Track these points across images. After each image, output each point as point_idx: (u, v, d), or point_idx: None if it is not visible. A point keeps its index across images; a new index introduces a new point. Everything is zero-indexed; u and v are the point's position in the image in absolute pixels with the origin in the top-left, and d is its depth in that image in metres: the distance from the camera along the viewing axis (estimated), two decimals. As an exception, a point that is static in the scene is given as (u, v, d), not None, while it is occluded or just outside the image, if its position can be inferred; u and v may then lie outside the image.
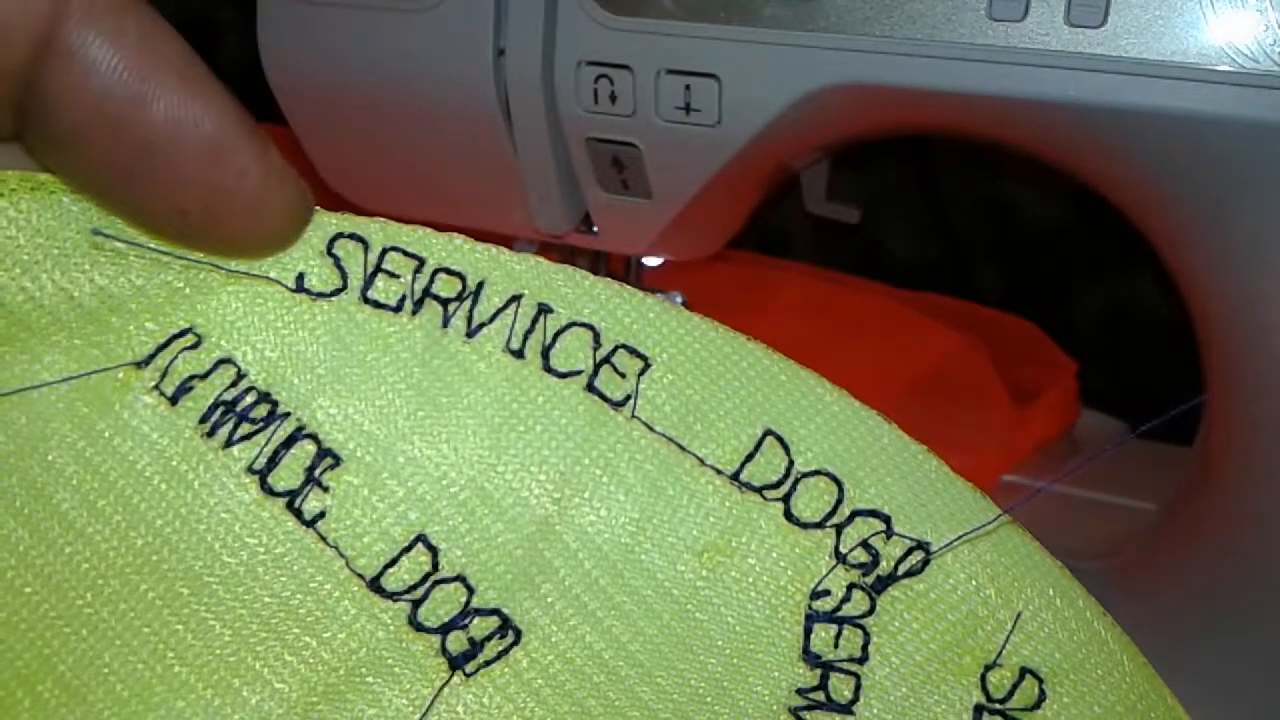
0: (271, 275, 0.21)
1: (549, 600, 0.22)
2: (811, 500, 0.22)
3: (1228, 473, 0.46)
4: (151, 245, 0.20)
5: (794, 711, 0.22)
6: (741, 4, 0.41)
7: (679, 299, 0.57)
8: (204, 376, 0.21)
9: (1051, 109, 0.39)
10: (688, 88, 0.43)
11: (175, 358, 0.21)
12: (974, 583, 0.22)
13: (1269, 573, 0.45)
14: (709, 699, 0.22)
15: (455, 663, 0.21)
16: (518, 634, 0.22)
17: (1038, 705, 0.22)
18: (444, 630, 0.21)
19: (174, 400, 0.21)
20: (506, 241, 0.57)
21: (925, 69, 0.40)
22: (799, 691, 0.22)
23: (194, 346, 0.21)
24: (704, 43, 0.42)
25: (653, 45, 0.43)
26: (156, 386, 0.21)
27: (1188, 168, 0.40)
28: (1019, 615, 0.22)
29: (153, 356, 0.21)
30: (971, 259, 0.77)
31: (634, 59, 0.43)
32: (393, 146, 0.51)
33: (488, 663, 0.22)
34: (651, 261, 0.58)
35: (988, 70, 0.39)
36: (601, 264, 0.59)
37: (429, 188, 0.53)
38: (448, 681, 0.21)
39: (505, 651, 0.22)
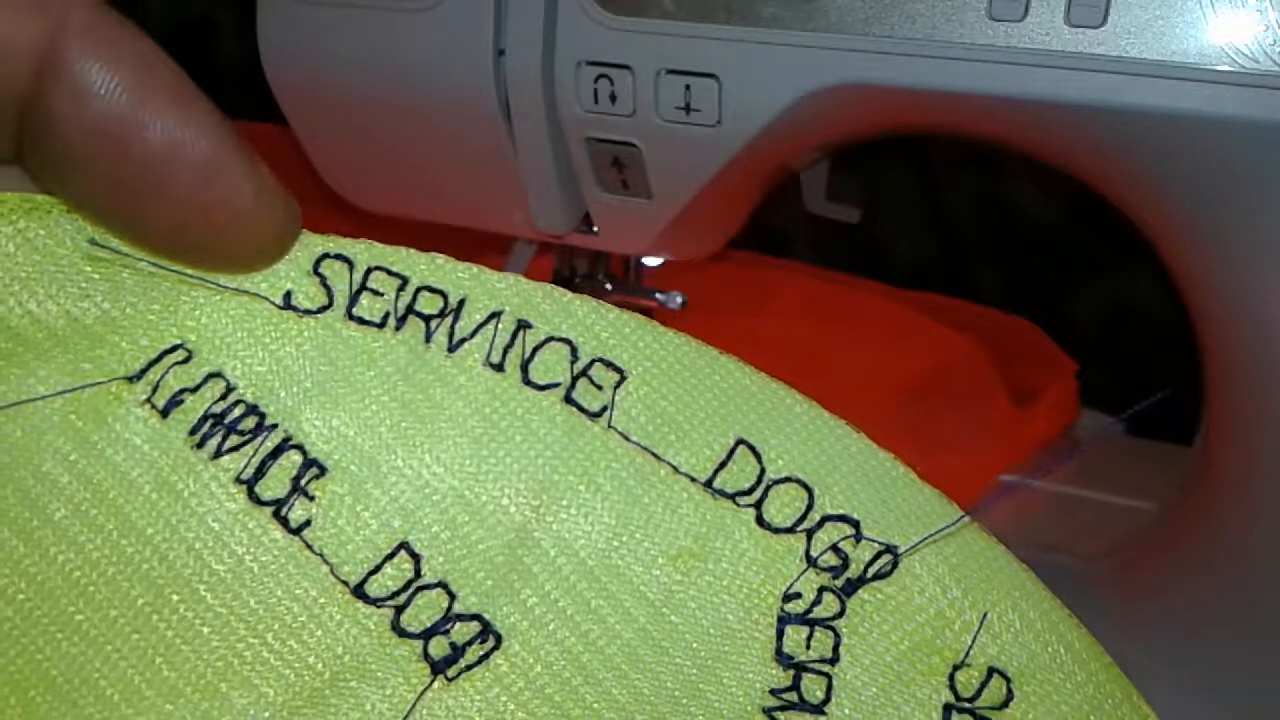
0: (260, 293, 0.22)
1: (529, 605, 0.22)
2: (783, 506, 0.23)
3: (1228, 473, 0.46)
4: (147, 260, 0.21)
5: (768, 712, 0.23)
6: (741, 4, 0.41)
7: (679, 299, 0.57)
8: (194, 390, 0.22)
9: (1051, 109, 0.39)
10: (688, 88, 0.43)
11: (166, 372, 0.22)
12: (941, 585, 0.23)
13: (1269, 572, 0.45)
14: (684, 700, 0.22)
15: (437, 667, 0.22)
16: (498, 639, 0.22)
17: (1005, 704, 0.23)
18: (426, 635, 0.22)
19: (165, 413, 0.22)
20: (507, 241, 0.58)
21: (925, 69, 0.40)
22: (772, 692, 0.23)
23: (185, 361, 0.22)
24: (704, 43, 0.42)
25: (653, 45, 0.43)
26: (148, 400, 0.22)
27: (1188, 168, 0.40)
28: (985, 616, 0.23)
29: (145, 371, 0.22)
30: (971, 259, 0.77)
31: (634, 59, 0.43)
32: (393, 146, 0.51)
33: (469, 667, 0.22)
34: (651, 261, 0.58)
35: (988, 70, 0.39)
36: (601, 264, 0.59)
37: (429, 188, 0.53)
38: (429, 685, 0.22)
39: (486, 656, 0.22)
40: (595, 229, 0.51)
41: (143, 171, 0.19)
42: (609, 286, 0.59)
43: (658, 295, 0.58)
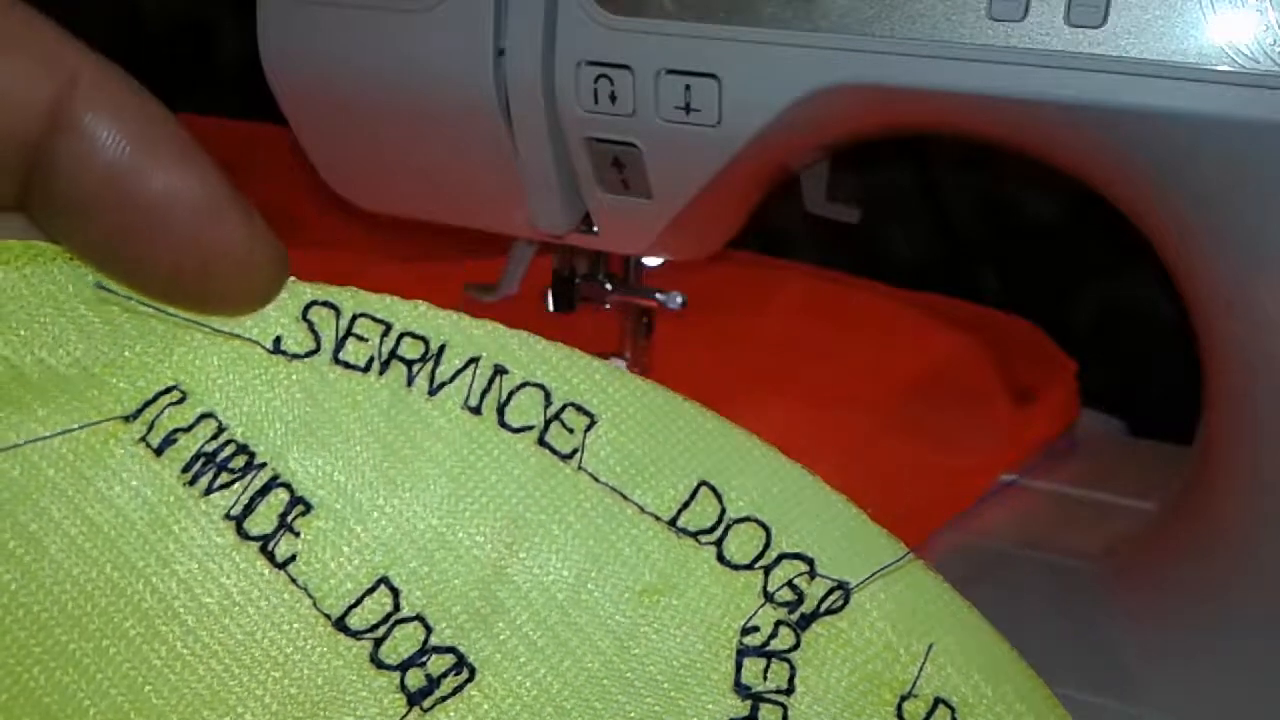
0: (252, 337, 0.23)
1: (501, 638, 0.23)
2: (742, 544, 0.24)
3: (1228, 472, 0.46)
4: (147, 303, 0.22)
5: None
6: (741, 4, 0.41)
7: (679, 299, 0.57)
8: (187, 430, 0.23)
9: (1051, 109, 0.39)
10: (688, 88, 0.43)
11: (161, 412, 0.23)
12: (889, 620, 0.24)
13: (1269, 572, 0.45)
14: None
15: (413, 699, 0.23)
16: (472, 671, 0.23)
17: None
18: (403, 667, 0.23)
19: (159, 451, 0.23)
20: (507, 241, 0.58)
21: (925, 69, 0.40)
22: None
23: (179, 402, 0.23)
24: (704, 43, 0.42)
25: (653, 45, 0.43)
26: (143, 439, 0.23)
27: (1188, 168, 0.40)
28: (930, 648, 0.24)
29: (140, 411, 0.23)
30: (971, 259, 0.77)
31: (634, 59, 0.43)
32: (393, 146, 0.51)
33: (443, 698, 0.23)
34: (651, 261, 0.58)
35: (988, 70, 0.39)
36: (601, 264, 0.59)
37: (429, 188, 0.53)
38: (405, 716, 0.23)
39: (460, 688, 0.23)
40: (595, 229, 0.51)
41: (144, 217, 0.20)
42: (609, 286, 0.59)
43: (658, 295, 0.58)
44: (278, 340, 0.23)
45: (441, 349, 0.24)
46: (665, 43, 0.43)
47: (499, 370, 0.24)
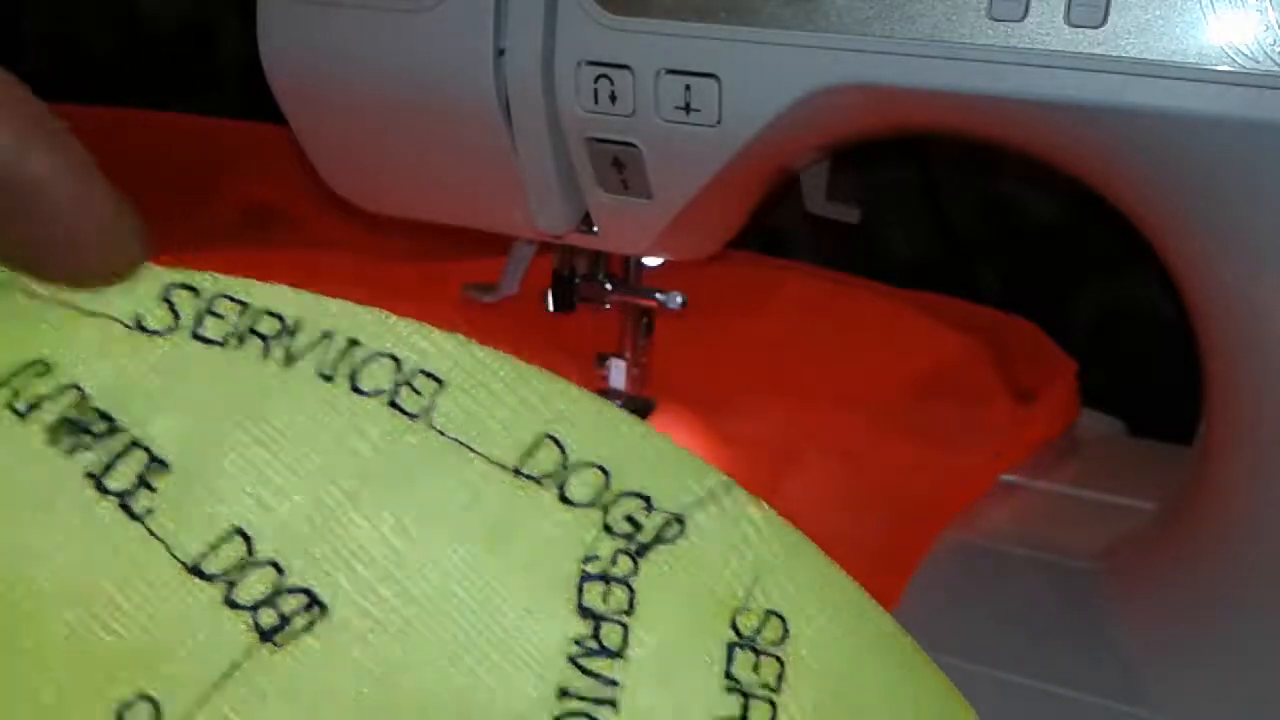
0: (115, 315, 0.25)
1: (355, 574, 0.25)
2: (582, 485, 0.26)
3: (1228, 473, 0.46)
4: (20, 280, 0.25)
5: (572, 659, 0.26)
6: (741, 4, 0.41)
7: (679, 299, 0.57)
8: (52, 398, 0.25)
9: (1051, 109, 0.39)
10: (688, 88, 0.43)
11: (28, 382, 0.25)
12: (721, 545, 0.27)
13: (1268, 572, 0.45)
14: (494, 656, 0.25)
15: (266, 635, 0.25)
16: (323, 607, 0.25)
17: (783, 640, 0.26)
18: (255, 607, 0.25)
19: (23, 415, 0.25)
20: (507, 241, 0.58)
21: (925, 69, 0.40)
22: (576, 642, 0.26)
23: (44, 374, 0.25)
24: (704, 43, 0.42)
25: (653, 45, 0.43)
26: (9, 404, 0.25)
27: (1188, 168, 0.40)
28: (760, 565, 0.27)
29: (8, 381, 0.25)
30: (971, 259, 0.77)
31: (634, 59, 0.43)
32: (392, 146, 0.51)
33: (296, 634, 0.25)
34: (651, 261, 0.58)
35: (988, 70, 0.39)
36: (601, 264, 0.59)
37: (429, 188, 0.53)
38: (256, 651, 0.25)
39: (312, 624, 0.25)
40: (595, 229, 0.51)
41: (21, 195, 0.23)
42: (609, 286, 0.59)
43: (658, 295, 0.58)
44: (139, 318, 0.25)
45: (297, 324, 0.26)
46: (665, 43, 0.43)
47: (352, 343, 0.26)
